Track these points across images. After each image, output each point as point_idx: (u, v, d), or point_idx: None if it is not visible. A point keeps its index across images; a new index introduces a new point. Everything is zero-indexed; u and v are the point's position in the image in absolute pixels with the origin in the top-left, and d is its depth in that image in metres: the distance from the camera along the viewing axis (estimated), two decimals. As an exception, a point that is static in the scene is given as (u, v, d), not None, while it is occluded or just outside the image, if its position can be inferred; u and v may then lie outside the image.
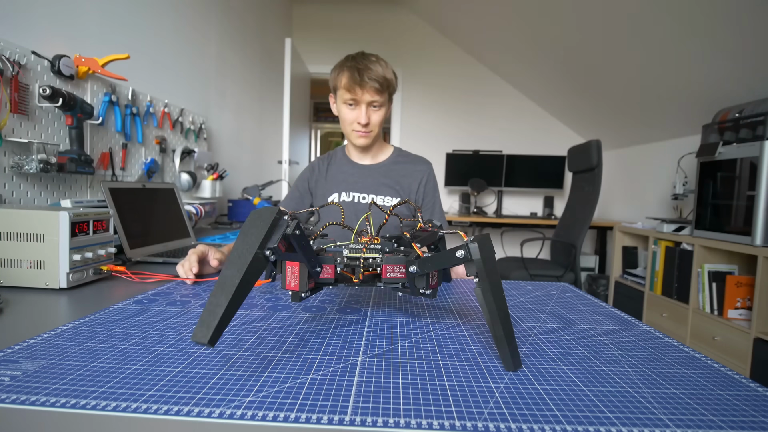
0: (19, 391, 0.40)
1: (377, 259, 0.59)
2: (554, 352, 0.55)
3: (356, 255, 0.59)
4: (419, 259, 0.56)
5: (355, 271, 0.60)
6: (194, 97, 2.13)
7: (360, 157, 1.29)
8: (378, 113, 1.17)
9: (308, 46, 4.02)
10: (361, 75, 1.10)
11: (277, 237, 0.47)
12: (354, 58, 1.14)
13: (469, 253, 0.49)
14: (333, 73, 1.18)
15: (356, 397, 0.41)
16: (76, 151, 1.20)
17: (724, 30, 1.99)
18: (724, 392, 0.46)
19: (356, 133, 1.18)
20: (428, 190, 1.28)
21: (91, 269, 0.86)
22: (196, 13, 2.13)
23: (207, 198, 1.99)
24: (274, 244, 0.47)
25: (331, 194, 1.25)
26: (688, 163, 2.57)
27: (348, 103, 1.16)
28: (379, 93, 1.13)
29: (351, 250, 0.60)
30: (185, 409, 0.38)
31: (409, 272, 0.56)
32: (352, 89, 1.12)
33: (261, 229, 0.46)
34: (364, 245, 0.61)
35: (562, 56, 3.17)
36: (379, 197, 1.23)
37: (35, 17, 1.17)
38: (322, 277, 0.58)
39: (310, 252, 0.54)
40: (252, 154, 3.06)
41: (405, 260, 0.59)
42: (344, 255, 0.60)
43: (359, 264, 0.59)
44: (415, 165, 1.29)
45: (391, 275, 0.59)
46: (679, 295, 2.30)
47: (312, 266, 0.55)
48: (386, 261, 0.59)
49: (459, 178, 3.90)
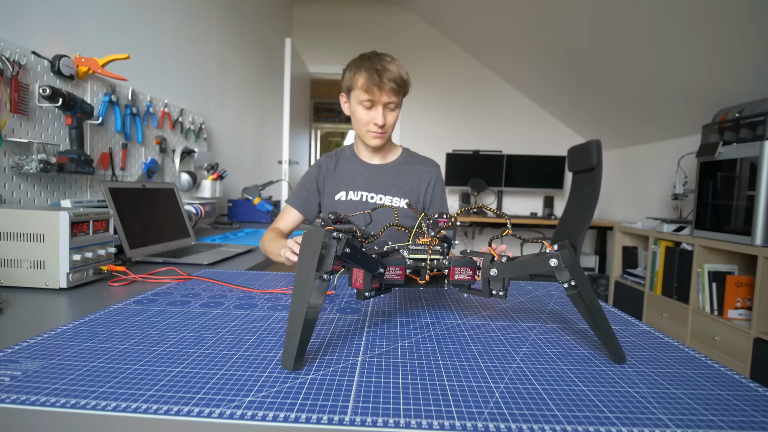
0: (19, 391, 0.40)
1: (443, 261, 0.60)
2: (554, 352, 0.55)
3: (422, 257, 0.60)
4: (499, 264, 0.56)
5: (420, 272, 0.61)
6: (194, 97, 2.13)
7: (369, 157, 1.27)
8: (393, 114, 1.16)
9: (308, 46, 4.02)
10: (380, 76, 1.08)
11: (329, 260, 0.49)
12: (370, 59, 1.12)
13: (562, 260, 0.51)
14: (348, 73, 1.16)
15: (356, 397, 0.41)
16: (76, 151, 1.20)
17: (724, 30, 1.99)
18: (724, 392, 0.46)
19: (371, 134, 1.17)
20: (436, 192, 1.28)
21: (91, 269, 0.86)
22: (197, 13, 2.13)
23: (207, 198, 1.99)
24: (328, 268, 0.49)
25: (338, 192, 1.24)
26: (688, 163, 2.57)
27: (364, 104, 1.14)
28: (396, 94, 1.12)
29: (411, 251, 0.61)
30: (185, 409, 0.38)
31: (490, 275, 0.57)
32: (370, 90, 1.10)
33: (314, 256, 0.48)
34: (429, 246, 0.61)
35: (562, 56, 3.17)
36: (387, 197, 1.22)
37: (35, 17, 1.17)
38: (392, 278, 0.59)
39: (367, 260, 0.55)
40: (252, 154, 3.06)
41: (473, 263, 0.60)
42: (407, 257, 0.60)
43: (425, 266, 0.60)
44: (424, 166, 1.29)
45: (458, 277, 0.60)
46: (679, 295, 2.30)
47: (373, 271, 0.56)
48: (454, 263, 0.60)
49: (459, 178, 3.90)
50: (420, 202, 1.27)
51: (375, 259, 0.56)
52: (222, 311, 0.68)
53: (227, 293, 0.79)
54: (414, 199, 1.25)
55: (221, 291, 0.81)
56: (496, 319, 0.68)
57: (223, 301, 0.73)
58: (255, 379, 0.44)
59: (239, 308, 0.70)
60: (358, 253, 0.52)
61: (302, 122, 3.53)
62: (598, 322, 0.51)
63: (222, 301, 0.74)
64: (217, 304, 0.72)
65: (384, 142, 1.21)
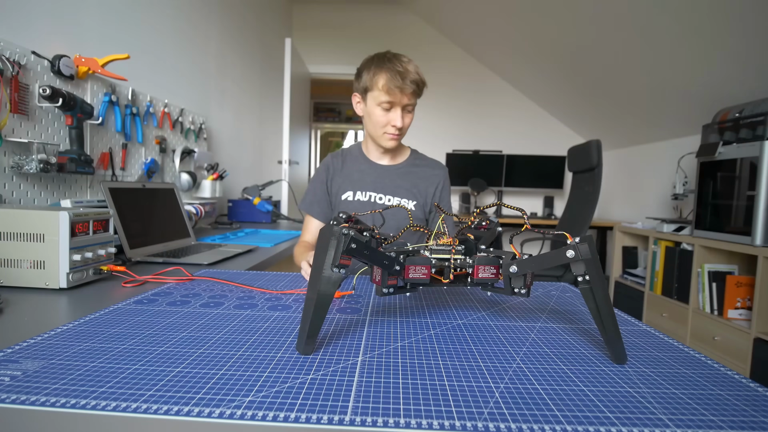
0: (19, 391, 0.40)
1: (467, 260, 0.61)
2: (554, 352, 0.55)
3: (445, 256, 0.61)
4: (518, 260, 0.57)
5: (443, 272, 0.61)
6: (194, 96, 2.13)
7: (379, 157, 1.26)
8: (410, 116, 1.16)
9: (308, 46, 4.02)
10: (402, 78, 1.07)
11: (337, 254, 0.51)
12: (390, 60, 1.10)
13: (579, 253, 0.50)
14: (365, 74, 1.13)
15: (356, 397, 0.41)
16: (76, 151, 1.20)
17: (724, 30, 1.99)
18: (724, 392, 0.46)
19: (388, 135, 1.16)
20: (443, 196, 1.28)
21: (91, 269, 0.86)
22: (197, 13, 2.12)
23: (207, 198, 1.99)
24: (336, 261, 0.51)
25: (345, 192, 1.23)
26: (688, 163, 2.57)
27: (383, 106, 1.12)
28: (416, 96, 1.13)
29: (433, 251, 0.62)
30: (185, 409, 0.38)
31: (510, 272, 0.57)
32: (391, 92, 1.09)
33: (324, 250, 0.51)
34: (453, 247, 0.62)
35: (562, 56, 3.17)
36: (395, 199, 1.22)
37: (35, 17, 1.17)
38: (417, 277, 0.59)
39: (378, 257, 0.55)
40: (252, 154, 3.06)
41: (497, 261, 0.60)
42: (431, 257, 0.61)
43: (449, 265, 0.60)
44: (433, 169, 1.29)
45: (482, 276, 0.60)
46: (679, 295, 2.30)
47: (388, 268, 0.56)
48: (478, 261, 0.60)
49: (459, 178, 3.90)
50: (427, 204, 1.27)
51: (388, 257, 0.56)
52: (222, 311, 0.68)
53: (227, 293, 0.79)
54: (422, 202, 1.25)
55: (221, 291, 0.81)
56: (496, 319, 0.68)
57: (223, 301, 0.73)
58: (255, 379, 0.44)
59: (239, 308, 0.70)
60: (366, 249, 0.53)
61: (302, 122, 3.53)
62: (606, 320, 0.51)
63: (222, 301, 0.74)
64: (217, 304, 0.72)
65: (398, 143, 1.21)
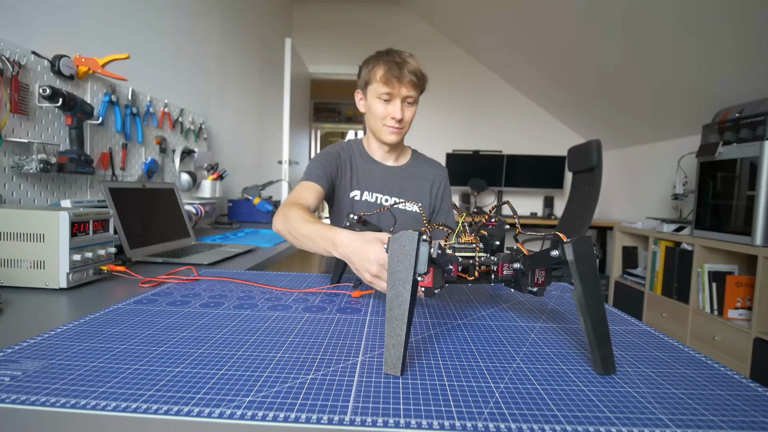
0: (19, 391, 0.40)
1: (492, 257, 0.62)
2: (554, 352, 0.55)
3: (470, 254, 0.62)
4: (523, 257, 0.58)
5: (468, 270, 0.62)
6: (194, 96, 2.13)
7: (383, 157, 1.25)
8: (411, 110, 1.15)
9: (308, 46, 4.02)
10: (400, 68, 1.07)
11: (424, 262, 0.49)
12: (389, 53, 1.12)
13: (563, 253, 0.49)
14: (365, 69, 1.15)
15: (356, 397, 0.41)
16: (76, 151, 1.20)
17: (724, 30, 1.99)
18: (724, 392, 0.46)
19: (388, 128, 1.15)
20: (445, 196, 1.28)
21: (91, 269, 0.86)
22: (197, 13, 2.12)
23: (207, 198, 1.99)
24: (423, 269, 0.48)
25: (353, 191, 1.21)
26: (688, 163, 2.57)
27: (382, 98, 1.12)
28: (415, 88, 1.12)
29: (457, 249, 0.63)
30: (185, 409, 0.38)
31: (515, 269, 0.59)
32: (389, 82, 1.09)
33: (409, 261, 0.48)
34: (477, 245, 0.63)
35: (562, 56, 3.17)
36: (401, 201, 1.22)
37: (35, 17, 1.17)
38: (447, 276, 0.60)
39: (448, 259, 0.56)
40: (252, 154, 3.06)
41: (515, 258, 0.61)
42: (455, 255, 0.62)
43: (473, 263, 0.61)
44: (434, 169, 1.29)
45: (506, 273, 0.62)
46: (679, 295, 2.30)
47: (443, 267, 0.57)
48: (503, 259, 0.61)
49: (459, 178, 3.90)
50: (430, 205, 1.27)
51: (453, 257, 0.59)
52: (222, 311, 0.68)
53: (227, 293, 0.79)
54: (426, 203, 1.25)
55: (221, 291, 0.81)
56: (496, 319, 0.68)
57: (223, 301, 0.73)
58: (255, 379, 0.44)
59: (239, 308, 0.70)
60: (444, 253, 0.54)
61: (302, 122, 3.52)
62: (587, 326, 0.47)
63: (222, 301, 0.74)
64: (217, 304, 0.72)
65: (400, 139, 1.20)
